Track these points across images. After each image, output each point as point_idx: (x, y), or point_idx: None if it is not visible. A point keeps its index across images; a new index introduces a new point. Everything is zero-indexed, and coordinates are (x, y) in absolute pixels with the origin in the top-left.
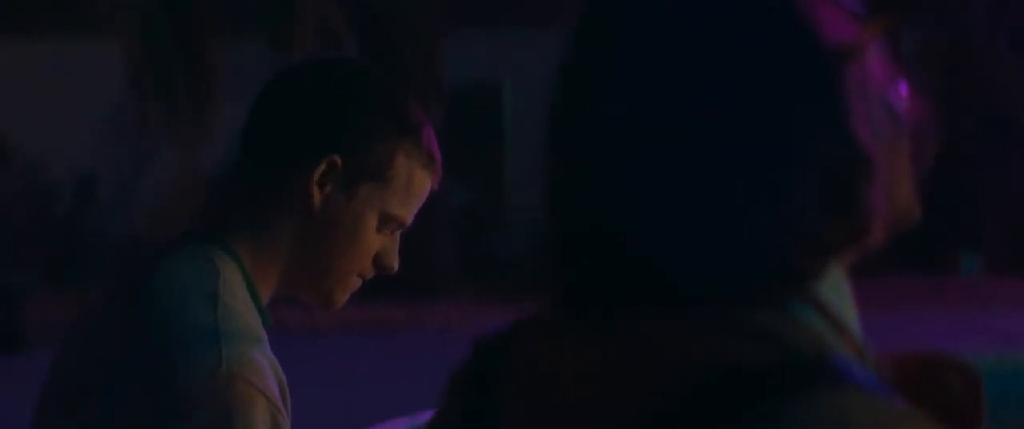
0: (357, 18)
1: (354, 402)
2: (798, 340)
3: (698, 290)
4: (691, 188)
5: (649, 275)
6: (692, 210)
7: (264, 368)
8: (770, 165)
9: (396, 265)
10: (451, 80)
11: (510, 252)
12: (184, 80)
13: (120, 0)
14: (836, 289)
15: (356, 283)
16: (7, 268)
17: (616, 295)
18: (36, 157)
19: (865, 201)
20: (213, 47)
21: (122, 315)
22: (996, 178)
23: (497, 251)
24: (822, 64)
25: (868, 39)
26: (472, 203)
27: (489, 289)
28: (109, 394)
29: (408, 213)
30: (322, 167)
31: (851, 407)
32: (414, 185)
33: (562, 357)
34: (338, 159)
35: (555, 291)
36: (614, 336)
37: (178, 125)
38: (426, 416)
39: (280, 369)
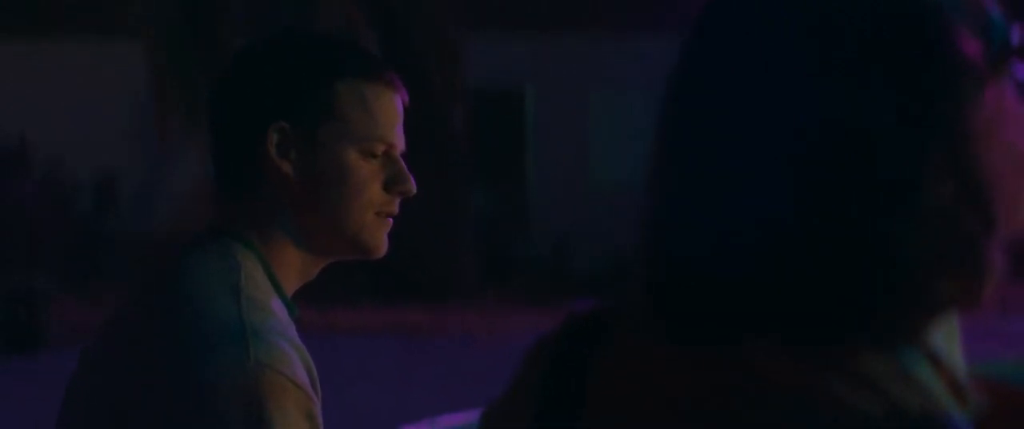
0: (379, 21)
1: (374, 405)
2: (903, 392)
3: (805, 324)
4: (804, 217)
5: (756, 303)
6: (801, 241)
7: (292, 357)
8: (887, 202)
9: (412, 185)
10: (473, 85)
11: (532, 257)
12: (204, 79)
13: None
14: (942, 326)
15: (384, 223)
16: (27, 269)
17: (719, 319)
18: (56, 158)
19: (984, 258)
20: (234, 47)
21: (149, 312)
22: None
23: (519, 256)
24: (952, 99)
25: (1008, 56)
26: (494, 208)
27: (510, 293)
28: (138, 390)
29: (384, 131)
30: (273, 137)
31: None
32: (371, 104)
33: (656, 375)
34: (283, 124)
35: (649, 306)
36: (715, 363)
37: (198, 124)
38: (447, 419)
39: (309, 356)
